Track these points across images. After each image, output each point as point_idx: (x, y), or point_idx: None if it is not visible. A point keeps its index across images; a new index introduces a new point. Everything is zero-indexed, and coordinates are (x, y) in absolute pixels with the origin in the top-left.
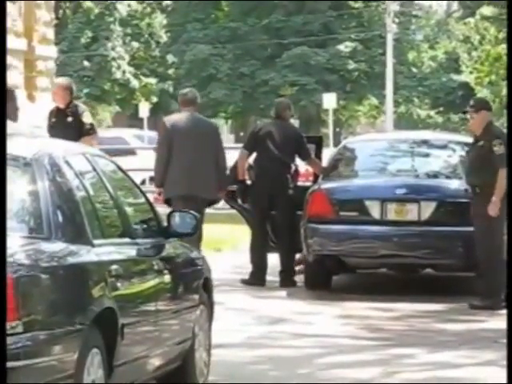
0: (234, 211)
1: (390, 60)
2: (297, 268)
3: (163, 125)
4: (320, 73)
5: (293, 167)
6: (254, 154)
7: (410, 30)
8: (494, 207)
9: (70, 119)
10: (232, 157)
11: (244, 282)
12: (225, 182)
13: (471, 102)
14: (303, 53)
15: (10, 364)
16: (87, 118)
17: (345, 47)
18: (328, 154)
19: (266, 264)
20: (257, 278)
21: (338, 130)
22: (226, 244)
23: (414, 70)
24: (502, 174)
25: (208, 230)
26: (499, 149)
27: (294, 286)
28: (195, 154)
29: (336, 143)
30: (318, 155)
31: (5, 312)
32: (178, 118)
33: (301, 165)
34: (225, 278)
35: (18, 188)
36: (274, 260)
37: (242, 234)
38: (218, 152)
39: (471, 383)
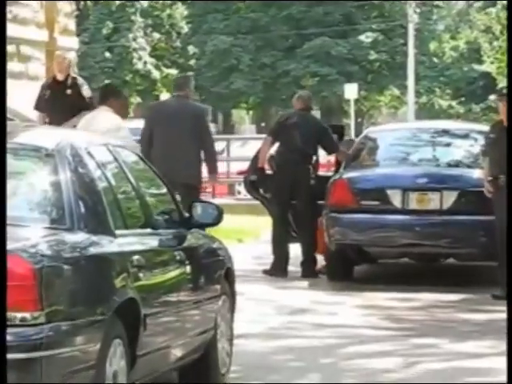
0: (255, 201)
1: (411, 50)
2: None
3: (146, 110)
4: (341, 63)
5: (314, 158)
6: (277, 145)
7: (431, 20)
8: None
9: (68, 91)
10: (253, 147)
11: (266, 272)
12: (214, 167)
13: (501, 92)
14: (324, 43)
15: (32, 354)
16: (87, 92)
17: (366, 37)
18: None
19: (287, 254)
20: (278, 269)
21: (359, 120)
22: (248, 234)
23: (436, 60)
24: None
25: (230, 220)
26: (491, 136)
27: (316, 277)
28: (176, 139)
29: (357, 133)
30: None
31: (5, 312)
32: (162, 103)
33: (322, 155)
34: (246, 269)
35: (40, 179)
36: (295, 250)
37: (264, 224)
38: (202, 136)
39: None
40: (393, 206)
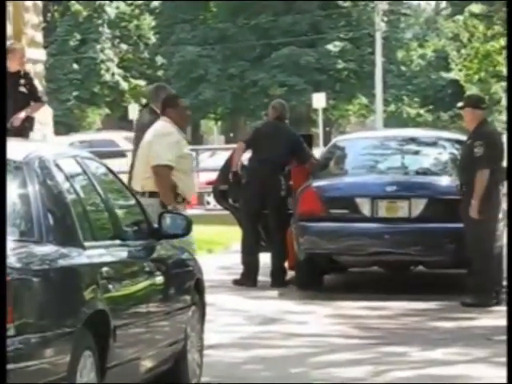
0: (225, 212)
1: (379, 59)
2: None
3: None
4: (309, 73)
5: (286, 168)
6: (248, 154)
7: (398, 29)
8: (474, 209)
9: (22, 81)
10: (222, 157)
11: (236, 282)
12: None
13: (465, 99)
14: (292, 53)
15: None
16: (38, 85)
17: (334, 47)
18: (318, 153)
19: (257, 265)
20: (248, 279)
21: (327, 129)
22: (218, 245)
23: (404, 68)
24: (480, 175)
25: (199, 230)
26: (479, 150)
27: (286, 287)
28: None
29: (326, 142)
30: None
31: (5, 313)
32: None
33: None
34: (216, 279)
35: (9, 191)
36: (266, 260)
37: (234, 234)
38: None
39: (468, 383)
40: (362, 214)
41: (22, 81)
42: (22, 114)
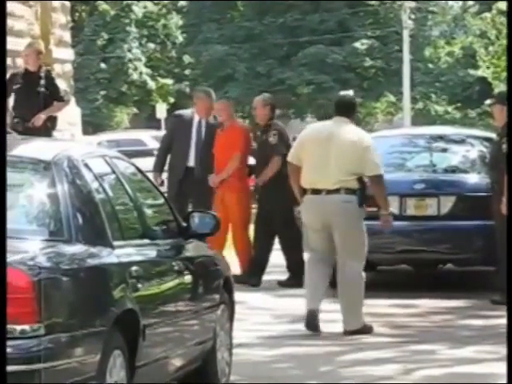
0: (254, 210)
1: (406, 57)
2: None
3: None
4: (336, 71)
5: None
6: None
7: (426, 26)
8: (503, 206)
9: (42, 82)
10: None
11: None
12: None
13: (495, 96)
14: (319, 51)
15: (32, 366)
16: (61, 85)
17: (361, 45)
18: None
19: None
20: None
21: None
22: None
23: (431, 66)
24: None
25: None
26: (505, 147)
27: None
28: None
29: None
30: None
31: (5, 313)
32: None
33: None
34: None
35: (38, 191)
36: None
37: None
38: None
39: (497, 383)
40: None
41: (42, 81)
42: (44, 114)
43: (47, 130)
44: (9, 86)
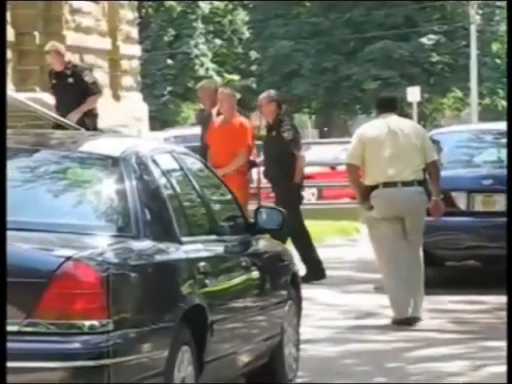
0: (317, 206)
1: (473, 52)
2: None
3: None
4: (403, 66)
5: None
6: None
7: (493, 21)
8: None
9: (70, 80)
10: (316, 151)
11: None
12: None
13: None
14: (386, 46)
15: (101, 362)
16: (89, 77)
17: (428, 40)
18: None
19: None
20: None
21: (422, 123)
22: (312, 239)
23: (498, 61)
24: None
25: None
26: None
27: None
28: None
29: None
30: None
31: (5, 312)
32: None
33: None
34: None
35: (106, 187)
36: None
37: (326, 228)
38: None
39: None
40: (458, 208)
41: (70, 79)
42: (76, 112)
43: (84, 125)
44: (50, 82)
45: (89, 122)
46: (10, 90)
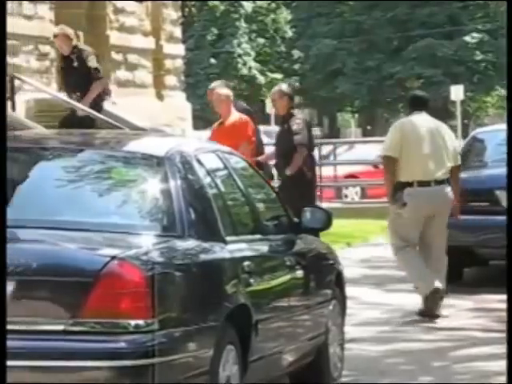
0: (362, 205)
1: None
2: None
3: None
4: (446, 64)
5: None
6: None
7: None
8: None
9: (75, 64)
10: (360, 150)
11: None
12: None
13: None
14: (429, 45)
15: (146, 361)
16: (92, 62)
17: (471, 38)
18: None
19: None
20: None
21: (465, 121)
22: (356, 238)
23: None
24: None
25: (338, 224)
26: None
27: None
28: None
29: (464, 135)
30: None
31: (5, 312)
32: None
33: None
34: (356, 273)
35: (151, 187)
36: None
37: (372, 227)
38: None
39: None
40: (502, 206)
41: (75, 63)
42: (86, 100)
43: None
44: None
45: (97, 109)
46: (52, 90)
